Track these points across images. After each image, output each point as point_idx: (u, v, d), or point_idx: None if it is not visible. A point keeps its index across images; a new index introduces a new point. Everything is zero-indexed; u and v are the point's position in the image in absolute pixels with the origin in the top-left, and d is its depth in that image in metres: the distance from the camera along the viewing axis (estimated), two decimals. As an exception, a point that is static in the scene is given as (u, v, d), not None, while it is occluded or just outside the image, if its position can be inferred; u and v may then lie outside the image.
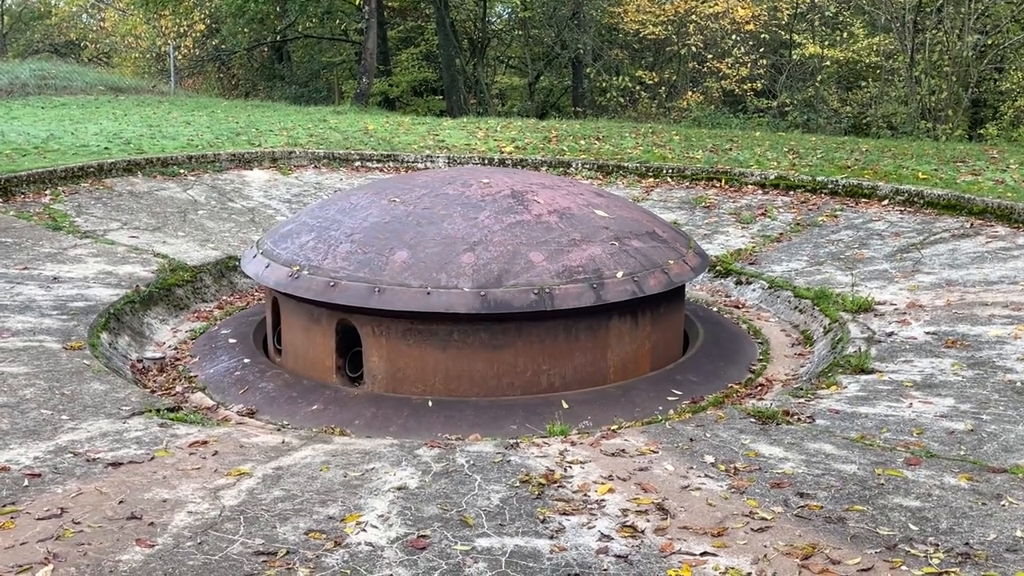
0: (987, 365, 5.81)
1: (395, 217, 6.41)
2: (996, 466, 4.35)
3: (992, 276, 7.77)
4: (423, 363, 6.01)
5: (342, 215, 6.63)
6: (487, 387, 6.02)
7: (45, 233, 9.01)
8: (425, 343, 5.99)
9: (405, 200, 6.60)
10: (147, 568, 3.41)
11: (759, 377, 6.56)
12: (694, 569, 3.44)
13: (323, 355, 6.31)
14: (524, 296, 5.83)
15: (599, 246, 6.31)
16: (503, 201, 6.54)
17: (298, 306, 6.38)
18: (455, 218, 6.33)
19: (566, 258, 6.10)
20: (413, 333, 5.99)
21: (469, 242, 6.11)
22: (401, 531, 3.73)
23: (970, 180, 10.83)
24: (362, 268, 5.99)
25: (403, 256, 6.02)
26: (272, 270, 6.36)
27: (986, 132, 20.38)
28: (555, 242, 6.21)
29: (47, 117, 16.15)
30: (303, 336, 6.43)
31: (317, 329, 6.31)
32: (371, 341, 6.07)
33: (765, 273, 8.63)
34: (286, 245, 6.54)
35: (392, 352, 6.04)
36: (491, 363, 6.03)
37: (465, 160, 12.81)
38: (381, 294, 5.81)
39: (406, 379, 6.03)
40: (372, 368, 6.12)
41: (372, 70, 26.05)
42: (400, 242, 6.13)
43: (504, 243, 6.13)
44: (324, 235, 6.44)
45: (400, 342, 6.01)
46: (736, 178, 11.73)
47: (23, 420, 4.87)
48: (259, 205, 11.00)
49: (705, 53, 24.88)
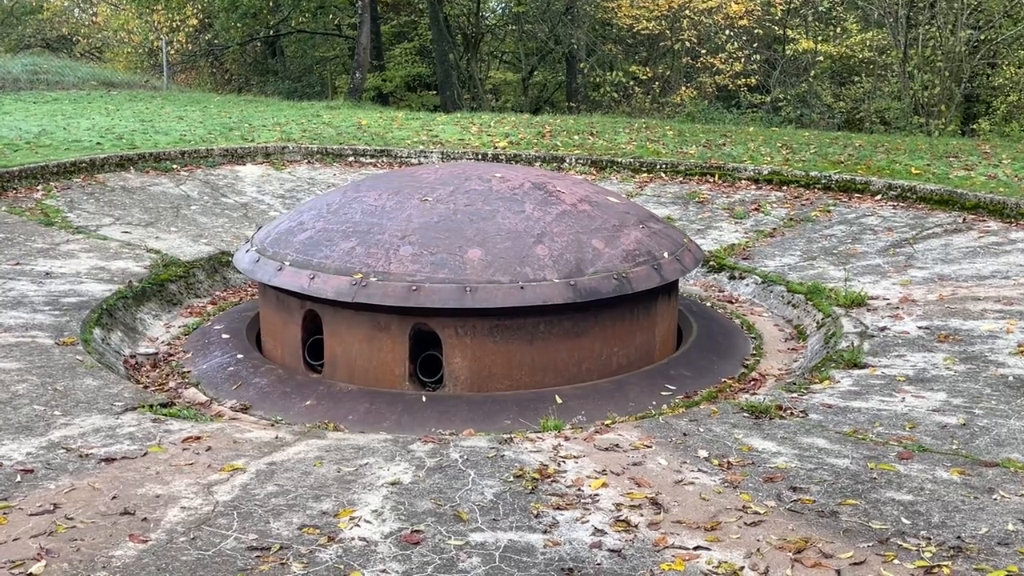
0: (979, 359, 5.83)
1: (443, 216, 6.28)
2: (988, 460, 4.36)
3: (984, 271, 7.79)
4: (510, 358, 6.03)
5: (376, 217, 6.36)
6: (569, 375, 6.15)
7: (37, 228, 8.99)
8: (512, 338, 6.02)
9: (438, 198, 6.47)
10: (140, 563, 3.40)
11: (752, 372, 6.58)
12: (687, 563, 3.45)
13: (393, 363, 6.07)
14: (607, 282, 6.07)
15: (636, 230, 6.62)
16: (534, 193, 6.62)
17: (356, 315, 6.08)
18: (504, 212, 6.35)
19: (620, 243, 6.38)
20: (500, 330, 5.98)
21: (533, 234, 6.18)
22: (395, 526, 3.73)
23: (963, 175, 10.85)
24: (440, 269, 5.87)
25: (478, 254, 5.98)
26: (323, 280, 5.97)
27: (979, 127, 20.40)
28: (602, 229, 6.44)
29: (39, 112, 16.09)
30: (366, 347, 6.10)
31: (384, 337, 6.04)
32: (454, 343, 5.98)
33: (758, 268, 8.64)
34: (326, 252, 6.16)
35: (478, 351, 6.00)
36: (573, 351, 6.18)
37: (459, 156, 12.80)
38: (473, 293, 5.75)
39: (492, 376, 6.02)
40: (454, 370, 6.02)
41: (365, 65, 25.99)
42: (465, 240, 6.07)
43: (564, 233, 6.26)
44: (370, 240, 6.16)
45: (486, 340, 5.99)
46: (730, 173, 11.74)
47: (15, 416, 4.86)
48: (252, 200, 10.98)
49: (699, 48, 24.86)
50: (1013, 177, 10.67)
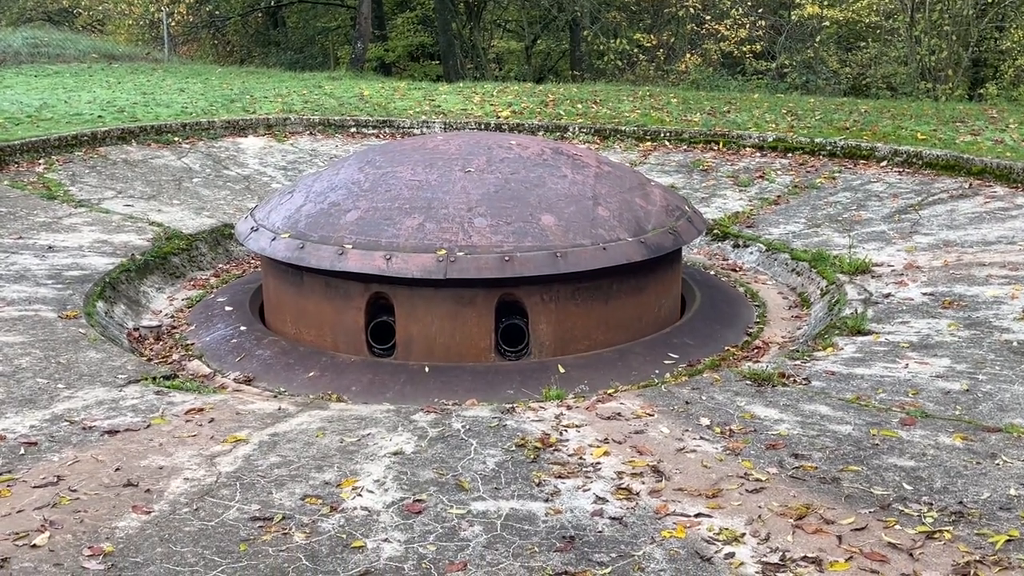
0: (984, 325, 5.81)
1: (498, 185, 6.23)
2: (991, 425, 4.35)
3: (990, 236, 7.75)
4: (588, 320, 6.15)
5: (430, 192, 6.18)
6: (634, 330, 6.36)
7: (39, 202, 8.98)
8: (591, 300, 6.15)
9: (479, 168, 6.40)
10: (144, 534, 3.42)
11: (756, 340, 6.56)
12: (688, 530, 3.45)
13: (478, 337, 5.99)
14: (666, 237, 6.34)
15: (656, 188, 6.87)
16: (560, 158, 6.70)
17: (437, 292, 5.92)
18: (550, 178, 6.41)
19: (655, 200, 6.63)
20: (581, 292, 6.10)
21: (588, 197, 6.30)
22: (397, 495, 3.74)
23: (969, 140, 10.76)
24: (523, 238, 5.86)
25: (551, 220, 6.03)
26: (402, 260, 5.75)
27: (986, 92, 20.21)
28: (634, 188, 6.69)
29: (40, 86, 16.02)
30: (448, 323, 5.98)
31: (469, 311, 5.95)
32: (539, 309, 6.02)
33: (763, 236, 8.60)
34: (393, 232, 5.93)
35: (561, 315, 6.08)
36: (637, 306, 6.39)
37: (462, 126, 12.72)
38: (564, 258, 5.82)
39: (573, 339, 6.13)
40: (540, 336, 6.06)
41: (367, 35, 25.80)
42: (532, 207, 6.09)
43: (611, 194, 6.42)
44: (437, 215, 6.00)
45: (569, 304, 6.08)
46: (734, 141, 11.66)
47: (19, 389, 4.88)
48: (254, 172, 10.95)
49: (703, 15, 24.62)
50: (1020, 142, 10.58)
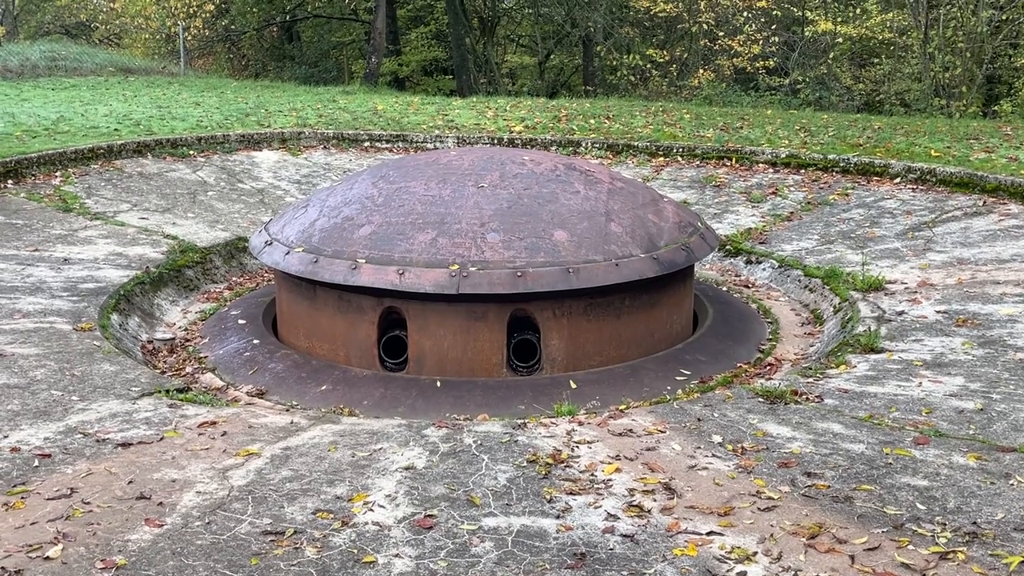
0: (998, 344, 5.78)
1: (511, 201, 6.27)
2: (1005, 445, 4.33)
3: (1004, 254, 7.71)
4: (600, 335, 6.16)
5: (442, 207, 6.21)
6: (646, 346, 6.37)
7: (55, 215, 9.04)
8: (603, 315, 6.16)
9: (492, 183, 6.44)
10: (156, 547, 3.43)
11: (768, 356, 6.55)
12: (700, 548, 3.44)
13: (490, 352, 6.00)
14: (679, 253, 6.38)
15: (669, 204, 6.87)
16: (573, 174, 6.72)
17: (450, 307, 5.94)
18: (563, 194, 6.44)
19: (667, 216, 6.64)
20: (593, 308, 6.11)
21: (601, 213, 6.31)
22: (408, 511, 3.74)
23: (983, 157, 10.73)
24: (536, 254, 5.89)
25: (564, 235, 6.05)
26: (415, 275, 5.77)
27: (1000, 109, 20.14)
28: (646, 204, 6.72)
29: (57, 98, 16.17)
30: (460, 338, 6.00)
31: (481, 326, 5.98)
32: (551, 324, 6.04)
33: (775, 252, 8.59)
34: (405, 247, 5.96)
35: (573, 331, 6.09)
36: (649, 322, 6.42)
37: (475, 140, 12.77)
38: (577, 274, 5.84)
39: (585, 355, 6.14)
40: (551, 352, 6.07)
41: (381, 50, 25.95)
42: (545, 223, 6.12)
43: (624, 210, 6.44)
44: (450, 229, 6.02)
45: (581, 319, 6.09)
46: (747, 156, 11.66)
47: (34, 401, 4.91)
48: (268, 186, 11.00)
49: (717, 30, 24.67)
50: (1035, 159, 10.53)
